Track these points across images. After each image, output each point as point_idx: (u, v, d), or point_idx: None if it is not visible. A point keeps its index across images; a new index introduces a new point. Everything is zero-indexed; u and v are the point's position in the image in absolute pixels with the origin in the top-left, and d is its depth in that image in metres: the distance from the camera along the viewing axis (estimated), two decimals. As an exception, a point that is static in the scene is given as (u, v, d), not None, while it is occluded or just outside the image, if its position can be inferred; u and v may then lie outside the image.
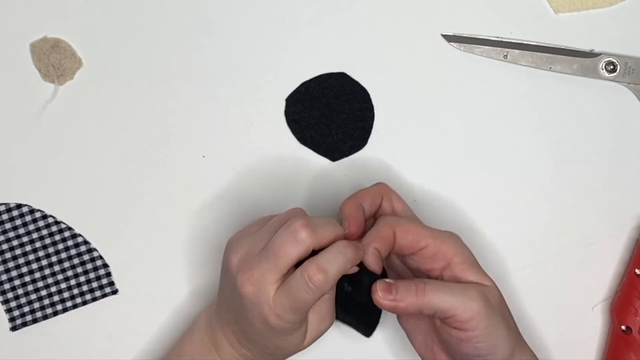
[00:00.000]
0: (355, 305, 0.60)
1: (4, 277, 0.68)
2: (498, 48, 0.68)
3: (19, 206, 0.68)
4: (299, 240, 0.53)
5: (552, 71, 0.68)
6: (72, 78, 0.69)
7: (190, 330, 0.62)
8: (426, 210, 0.68)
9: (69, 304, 0.68)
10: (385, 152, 0.69)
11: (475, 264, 0.58)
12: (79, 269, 0.68)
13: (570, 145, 0.69)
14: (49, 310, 0.68)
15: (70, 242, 0.68)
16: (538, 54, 0.68)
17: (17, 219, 0.68)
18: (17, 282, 0.68)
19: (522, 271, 0.68)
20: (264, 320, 0.54)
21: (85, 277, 0.68)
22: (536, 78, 0.69)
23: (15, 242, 0.68)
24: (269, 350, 0.57)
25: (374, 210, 0.60)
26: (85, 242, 0.68)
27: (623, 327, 0.66)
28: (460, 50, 0.68)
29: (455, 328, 0.55)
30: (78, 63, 0.69)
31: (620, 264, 0.68)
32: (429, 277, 0.58)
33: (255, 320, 0.55)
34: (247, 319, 0.55)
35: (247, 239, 0.57)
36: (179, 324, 0.68)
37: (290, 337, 0.56)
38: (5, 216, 0.68)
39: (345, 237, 0.56)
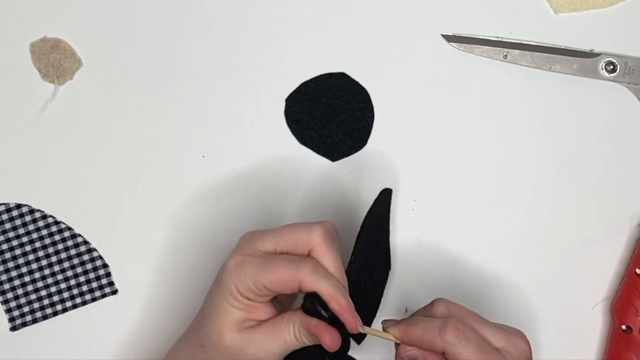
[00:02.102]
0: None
1: (4, 277, 0.68)
2: (498, 48, 0.68)
3: (18, 206, 0.68)
4: (298, 275, 0.54)
5: (552, 71, 0.68)
6: (71, 78, 0.69)
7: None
8: (426, 210, 0.68)
9: (68, 304, 0.68)
10: (385, 152, 0.69)
11: None
12: (79, 269, 0.68)
13: (570, 145, 0.69)
14: (48, 311, 0.68)
15: (70, 242, 0.68)
16: (538, 54, 0.68)
17: (17, 219, 0.68)
18: (17, 282, 0.68)
19: (522, 271, 0.68)
20: (224, 288, 0.55)
21: (85, 277, 0.68)
22: (536, 78, 0.69)
23: (15, 242, 0.68)
24: None
25: None
26: (85, 242, 0.68)
27: (623, 327, 0.66)
28: (460, 50, 0.68)
29: None
30: (78, 63, 0.69)
31: (620, 264, 0.68)
32: None
33: (213, 297, 0.55)
34: (209, 300, 0.56)
35: (260, 235, 0.57)
36: (179, 324, 0.68)
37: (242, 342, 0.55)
38: (5, 216, 0.68)
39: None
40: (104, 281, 0.68)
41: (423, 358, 0.56)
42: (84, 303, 0.68)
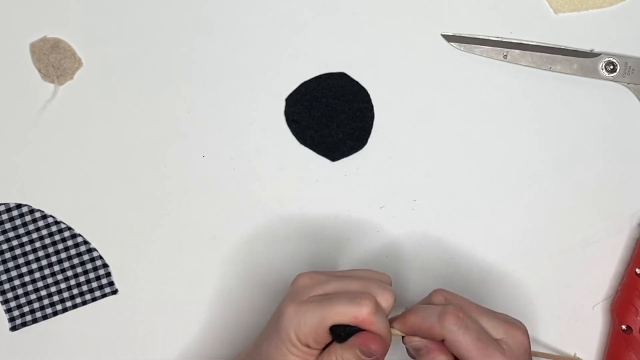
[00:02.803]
0: None
1: (4, 277, 0.68)
2: (498, 48, 0.68)
3: (18, 206, 0.68)
4: (357, 308, 0.53)
5: (552, 71, 0.68)
6: (71, 78, 0.69)
7: None
8: (426, 210, 0.68)
9: (68, 304, 0.68)
10: (385, 152, 0.69)
11: None
12: (79, 269, 0.68)
13: (570, 145, 0.69)
14: (48, 310, 0.68)
15: (70, 242, 0.68)
16: (538, 54, 0.68)
17: (17, 219, 0.68)
18: (16, 282, 0.68)
19: (522, 271, 0.68)
20: (282, 334, 0.54)
21: (85, 277, 0.68)
22: (536, 78, 0.69)
23: (15, 242, 0.68)
24: None
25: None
26: (85, 242, 0.68)
27: (623, 327, 0.66)
28: (460, 50, 0.68)
29: None
30: (78, 63, 0.69)
31: (620, 264, 0.68)
32: None
33: (274, 337, 0.55)
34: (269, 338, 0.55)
35: (318, 276, 0.57)
36: (179, 324, 0.68)
37: None
38: (5, 216, 0.68)
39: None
40: (104, 281, 0.68)
41: (426, 348, 0.55)
42: (84, 303, 0.68)
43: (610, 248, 0.68)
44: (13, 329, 0.68)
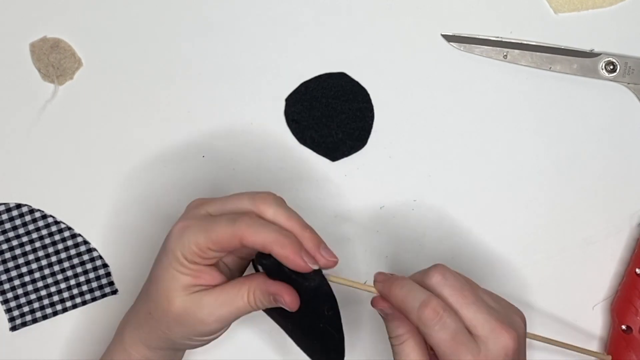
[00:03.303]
0: (323, 334, 0.57)
1: (4, 277, 0.68)
2: (498, 48, 0.68)
3: (18, 206, 0.68)
4: (237, 230, 0.53)
5: (552, 71, 0.68)
6: (71, 78, 0.69)
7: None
8: (426, 210, 0.68)
9: (68, 304, 0.68)
10: (385, 152, 0.69)
11: None
12: (79, 269, 0.68)
13: (570, 145, 0.69)
14: (48, 311, 0.68)
15: (70, 242, 0.68)
16: (538, 54, 0.68)
17: (17, 219, 0.68)
18: (16, 282, 0.68)
19: (522, 270, 0.68)
20: (169, 255, 0.55)
21: (85, 277, 0.68)
22: (536, 78, 0.69)
23: (15, 242, 0.68)
24: (171, 335, 0.56)
25: None
26: (85, 242, 0.68)
27: (623, 327, 0.66)
28: (460, 50, 0.68)
29: None
30: (78, 63, 0.69)
31: (620, 264, 0.68)
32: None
33: (160, 266, 0.56)
34: (155, 273, 0.56)
35: (207, 201, 0.57)
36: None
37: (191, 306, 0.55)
38: (5, 216, 0.68)
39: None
40: (104, 281, 0.68)
41: (392, 315, 0.55)
42: (84, 303, 0.68)
43: (611, 248, 0.68)
44: (13, 329, 0.68)
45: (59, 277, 0.68)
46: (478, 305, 0.54)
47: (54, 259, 0.68)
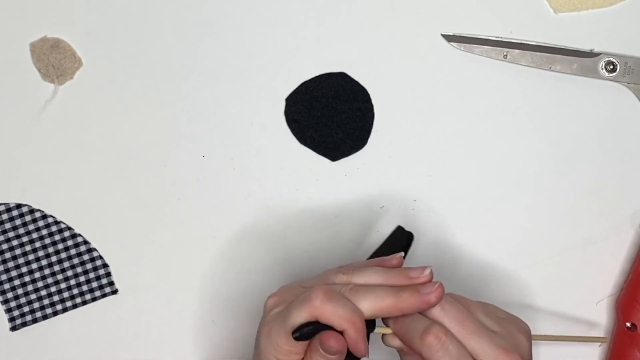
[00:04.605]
0: None
1: (4, 277, 0.68)
2: (498, 48, 0.68)
3: (18, 206, 0.68)
4: (310, 306, 0.52)
5: (552, 71, 0.68)
6: (71, 78, 0.69)
7: None
8: (426, 210, 0.68)
9: (68, 304, 0.68)
10: (385, 152, 0.69)
11: None
12: (79, 269, 0.68)
13: (570, 145, 0.69)
14: (48, 310, 0.68)
15: (70, 242, 0.68)
16: (538, 53, 0.68)
17: (17, 219, 0.68)
18: (17, 282, 0.68)
19: (523, 271, 0.68)
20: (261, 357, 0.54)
21: (85, 277, 0.68)
22: (536, 78, 0.69)
23: (15, 242, 0.68)
24: None
25: None
26: (85, 242, 0.68)
27: (628, 324, 0.66)
28: (460, 50, 0.68)
29: None
30: (78, 63, 0.69)
31: (620, 263, 0.68)
32: None
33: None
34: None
35: (286, 288, 0.57)
36: (179, 324, 0.68)
37: None
38: (5, 216, 0.68)
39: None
40: (104, 281, 0.68)
41: (406, 349, 0.55)
42: (84, 303, 0.68)
43: (611, 248, 0.68)
44: (13, 329, 0.68)
45: (59, 277, 0.68)
46: (480, 335, 0.53)
47: (54, 259, 0.68)
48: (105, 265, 0.68)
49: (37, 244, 0.68)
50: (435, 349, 0.52)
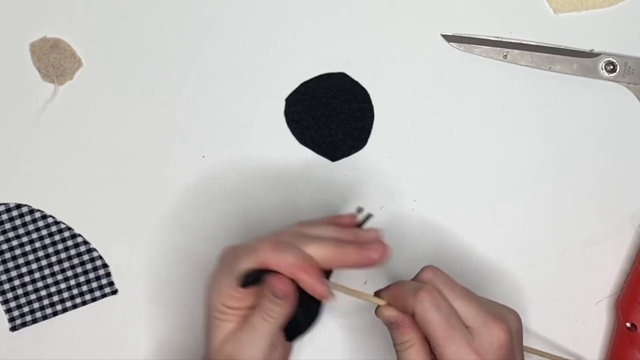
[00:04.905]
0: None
1: (4, 277, 0.68)
2: (498, 48, 0.68)
3: (18, 206, 0.68)
4: (256, 255, 0.54)
5: (552, 71, 0.68)
6: (71, 78, 0.69)
7: None
8: (426, 210, 0.68)
9: (68, 304, 0.68)
10: (385, 152, 0.69)
11: None
12: (79, 269, 0.68)
13: (570, 145, 0.69)
14: (48, 311, 0.68)
15: (70, 242, 0.68)
16: (538, 54, 0.68)
17: (17, 219, 0.68)
18: (16, 282, 0.68)
19: (523, 271, 0.68)
20: (211, 308, 0.56)
21: (85, 277, 0.68)
22: (536, 78, 0.69)
23: (14, 242, 0.68)
24: None
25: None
26: (85, 242, 0.68)
27: (628, 324, 0.66)
28: (460, 50, 0.69)
29: None
30: (78, 63, 0.69)
31: (620, 263, 0.68)
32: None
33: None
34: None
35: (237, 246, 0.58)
36: (179, 325, 0.68)
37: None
38: (4, 216, 0.68)
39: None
40: (104, 281, 0.68)
41: (397, 323, 0.55)
42: (84, 303, 0.68)
43: (611, 248, 0.68)
44: (13, 329, 0.68)
45: (59, 277, 0.68)
46: (469, 299, 0.55)
47: (54, 259, 0.68)
48: (105, 266, 0.68)
49: (37, 244, 0.68)
50: (428, 304, 0.53)
